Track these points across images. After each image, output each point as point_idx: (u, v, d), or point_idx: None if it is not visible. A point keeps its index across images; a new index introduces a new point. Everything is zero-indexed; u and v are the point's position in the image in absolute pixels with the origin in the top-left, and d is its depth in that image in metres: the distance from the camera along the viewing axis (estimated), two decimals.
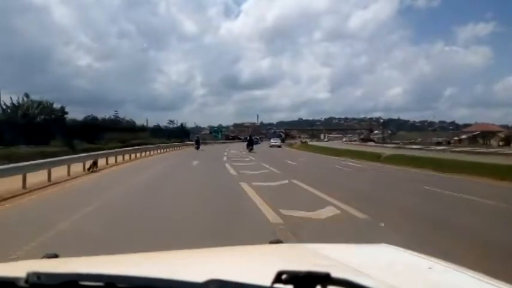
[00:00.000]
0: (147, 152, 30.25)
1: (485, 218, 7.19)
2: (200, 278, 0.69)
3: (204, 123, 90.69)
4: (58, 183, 11.78)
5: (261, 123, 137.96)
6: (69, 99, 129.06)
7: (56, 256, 1.32)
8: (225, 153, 30.02)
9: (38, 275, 0.70)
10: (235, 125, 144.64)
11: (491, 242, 5.42)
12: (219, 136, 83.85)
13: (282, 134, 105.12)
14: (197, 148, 38.14)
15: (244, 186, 10.82)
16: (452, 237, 5.67)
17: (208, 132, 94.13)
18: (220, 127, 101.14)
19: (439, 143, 59.50)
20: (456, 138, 66.08)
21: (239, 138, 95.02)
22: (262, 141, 72.76)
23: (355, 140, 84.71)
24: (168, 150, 38.18)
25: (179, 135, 67.18)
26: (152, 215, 7.18)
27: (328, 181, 13.04)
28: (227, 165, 19.04)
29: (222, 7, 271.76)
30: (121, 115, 57.53)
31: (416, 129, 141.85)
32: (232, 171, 15.64)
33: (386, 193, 10.35)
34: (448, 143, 60.39)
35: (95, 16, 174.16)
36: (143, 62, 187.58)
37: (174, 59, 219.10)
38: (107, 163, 19.21)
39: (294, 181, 12.06)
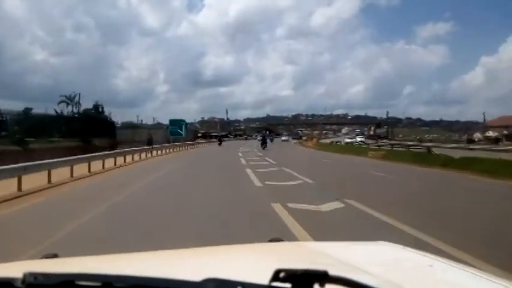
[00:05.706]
0: None
1: None
2: (198, 276, 0.68)
3: (165, 119, 66.02)
4: None
5: (228, 119, 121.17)
6: (21, 95, 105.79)
7: (55, 256, 1.31)
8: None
9: (35, 275, 0.68)
10: (202, 121, 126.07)
11: None
12: (182, 133, 47.28)
13: (299, 132, 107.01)
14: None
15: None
16: None
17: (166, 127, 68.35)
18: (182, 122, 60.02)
19: (471, 141, 47.35)
20: (486, 134, 53.36)
21: (216, 136, 70.68)
22: (272, 140, 57.85)
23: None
24: None
25: (89, 130, 40.21)
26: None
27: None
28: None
29: (185, 1, 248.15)
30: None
31: (386, 125, 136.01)
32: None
33: None
34: (496, 141, 46.35)
35: (50, 8, 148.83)
36: (102, 57, 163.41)
37: (134, 54, 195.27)
38: None
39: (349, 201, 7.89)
